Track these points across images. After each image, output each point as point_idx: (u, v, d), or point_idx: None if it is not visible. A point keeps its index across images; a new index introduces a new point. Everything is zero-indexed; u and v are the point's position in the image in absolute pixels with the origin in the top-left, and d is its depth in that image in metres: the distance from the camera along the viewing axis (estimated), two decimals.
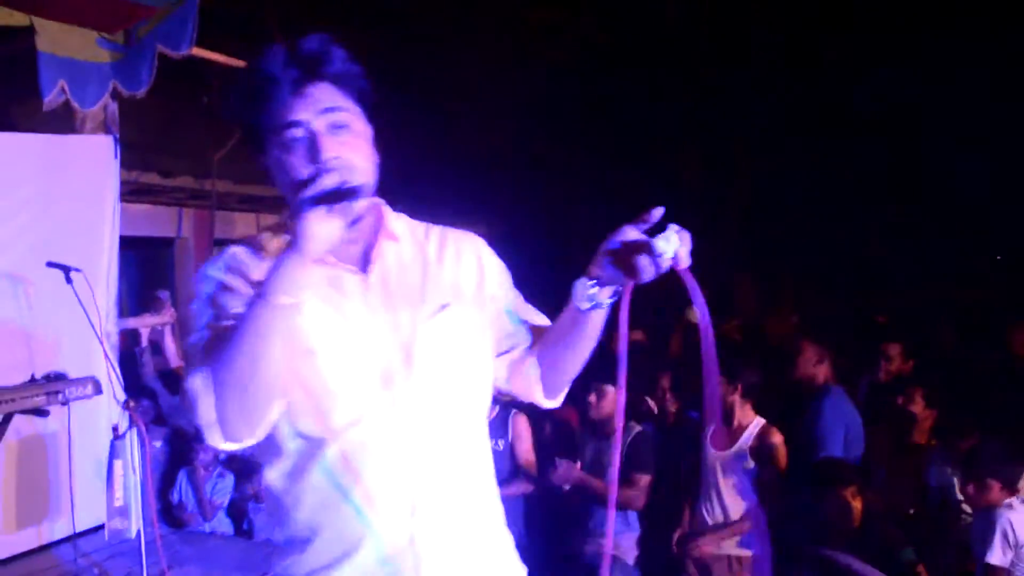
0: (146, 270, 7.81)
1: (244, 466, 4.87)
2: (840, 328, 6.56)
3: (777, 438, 3.92)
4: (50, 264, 3.67)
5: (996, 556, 3.24)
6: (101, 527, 4.29)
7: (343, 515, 1.35)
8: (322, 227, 1.23)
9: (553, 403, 1.60)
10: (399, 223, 1.49)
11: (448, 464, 1.40)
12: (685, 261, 1.20)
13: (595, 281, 1.32)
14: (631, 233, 1.24)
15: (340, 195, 1.24)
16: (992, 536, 3.26)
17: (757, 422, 3.97)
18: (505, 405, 4.10)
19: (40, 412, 3.33)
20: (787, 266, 9.82)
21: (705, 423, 4.06)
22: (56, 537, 4.25)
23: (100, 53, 4.19)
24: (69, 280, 3.66)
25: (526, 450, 4.17)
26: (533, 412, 4.22)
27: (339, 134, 1.35)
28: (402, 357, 1.37)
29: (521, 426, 4.14)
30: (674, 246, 1.19)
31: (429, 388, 1.39)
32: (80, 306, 3.62)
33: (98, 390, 3.47)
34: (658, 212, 1.24)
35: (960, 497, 3.65)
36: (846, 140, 9.58)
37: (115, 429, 3.49)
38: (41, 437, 4.09)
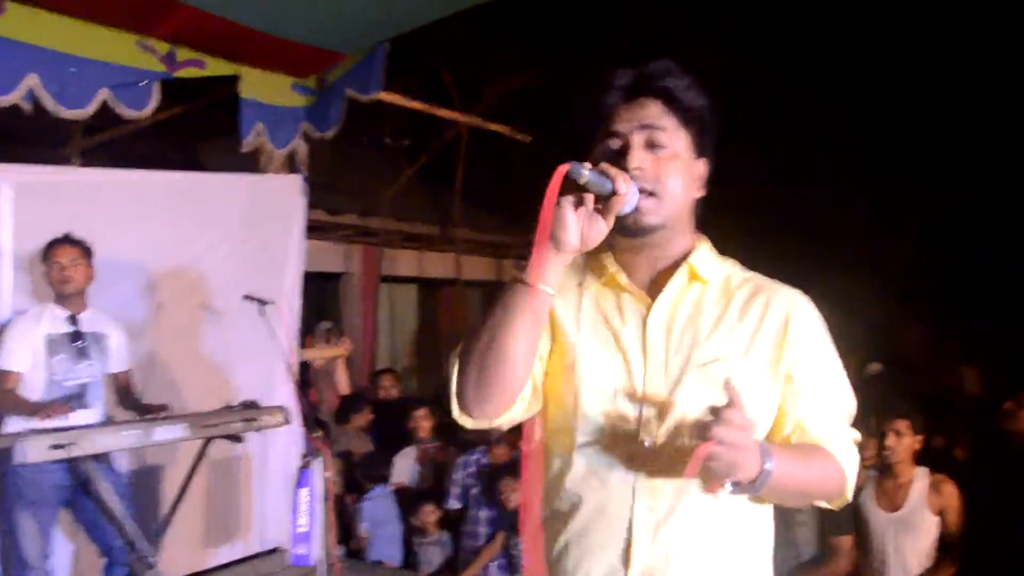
0: (312, 304, 8.19)
1: (411, 500, 4.96)
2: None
3: (951, 488, 3.64)
4: (246, 297, 3.87)
5: None
6: (276, 550, 4.49)
7: (560, 543, 1.36)
8: (570, 217, 1.22)
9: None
10: (713, 265, 1.41)
11: (685, 527, 1.30)
12: (717, 437, 1.15)
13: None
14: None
15: (593, 189, 1.21)
16: None
17: (921, 473, 3.69)
18: None
19: (236, 438, 3.50)
20: (956, 305, 9.24)
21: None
22: (236, 557, 4.46)
23: (294, 97, 4.46)
24: (263, 312, 3.85)
25: None
26: None
27: (655, 152, 1.33)
28: (661, 397, 1.32)
29: None
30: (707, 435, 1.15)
31: (679, 437, 1.29)
32: (272, 337, 3.79)
33: (288, 419, 3.62)
34: (731, 388, 1.18)
35: None
36: None
37: (303, 458, 3.62)
38: (229, 461, 4.30)
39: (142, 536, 3.28)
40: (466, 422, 1.33)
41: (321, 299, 8.53)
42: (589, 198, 1.22)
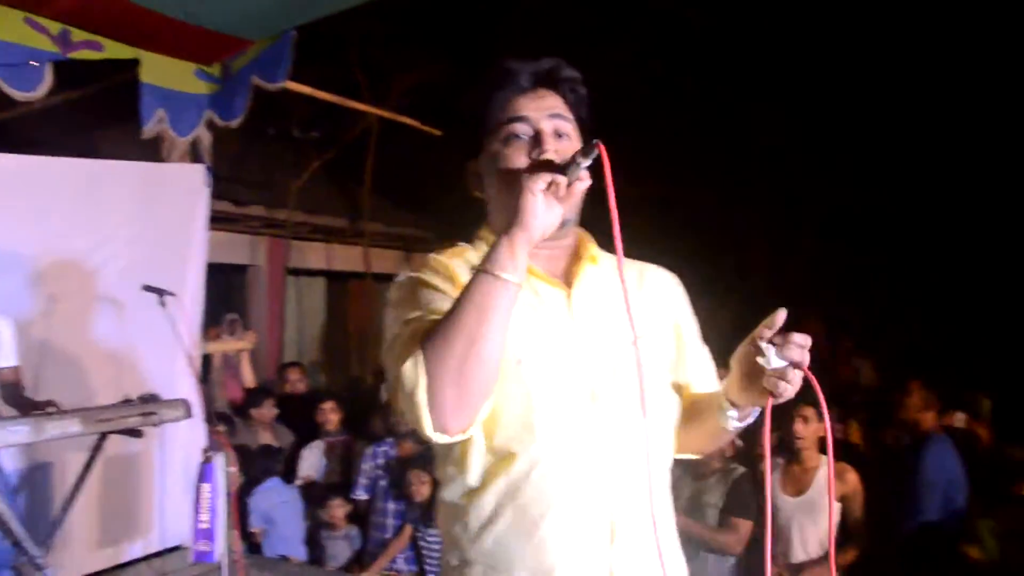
0: (218, 296, 8.00)
1: (319, 494, 4.90)
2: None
3: (853, 476, 3.81)
4: (146, 288, 3.75)
5: None
6: (179, 547, 4.37)
7: (535, 543, 1.30)
8: (541, 203, 1.19)
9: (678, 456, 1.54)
10: (599, 251, 1.47)
11: (644, 490, 1.33)
12: (807, 362, 1.23)
13: (735, 410, 1.35)
14: (774, 359, 1.23)
15: (561, 168, 1.21)
16: None
17: (826, 460, 3.84)
18: None
19: (135, 433, 3.39)
20: (855, 304, 9.65)
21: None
22: (136, 556, 4.32)
23: (197, 84, 4.32)
24: (163, 304, 3.74)
25: None
26: None
27: (560, 141, 1.35)
28: (608, 376, 1.34)
29: None
30: (802, 359, 1.22)
31: (630, 412, 1.33)
32: (173, 330, 3.69)
33: (189, 413, 3.53)
34: (782, 316, 1.23)
35: None
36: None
37: (204, 452, 3.54)
38: (128, 457, 4.16)
39: (29, 537, 3.14)
40: (443, 439, 1.22)
41: (227, 291, 8.35)
42: (563, 183, 1.20)
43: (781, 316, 1.22)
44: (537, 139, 1.33)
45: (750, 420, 1.36)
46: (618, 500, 1.33)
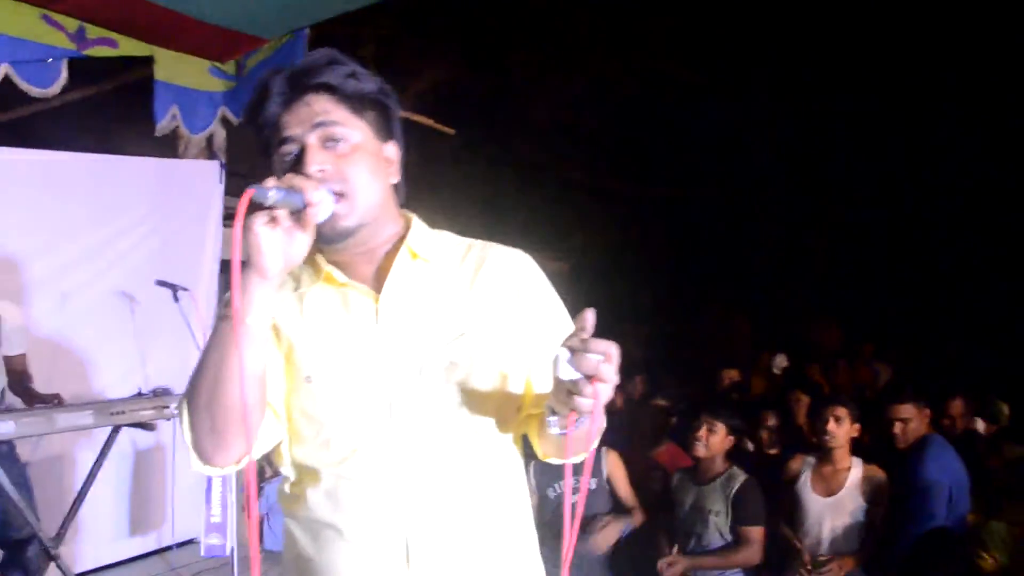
0: None
1: None
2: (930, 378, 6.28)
3: (883, 476, 3.76)
4: (159, 283, 3.79)
5: None
6: (191, 541, 4.40)
7: (337, 553, 1.28)
8: (267, 240, 1.12)
9: (549, 461, 1.39)
10: (431, 242, 1.37)
11: (451, 506, 1.30)
12: (610, 378, 1.03)
13: (556, 416, 1.15)
14: (563, 368, 1.04)
15: (285, 207, 1.13)
16: None
17: (856, 462, 3.81)
18: None
19: (147, 426, 3.42)
20: (870, 311, 9.59)
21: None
22: (148, 549, 4.36)
23: (211, 82, 4.35)
24: (176, 299, 3.78)
25: (625, 487, 3.98)
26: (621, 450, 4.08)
27: (334, 148, 1.26)
28: (409, 386, 1.28)
29: (614, 463, 3.93)
30: (596, 371, 1.02)
31: (436, 420, 1.29)
32: (186, 324, 3.72)
33: None
34: (591, 317, 1.05)
35: None
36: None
37: None
38: (141, 451, 4.21)
39: (40, 527, 3.18)
40: (213, 471, 1.26)
41: None
42: (282, 215, 1.13)
43: (590, 317, 1.05)
44: (300, 156, 1.25)
45: (581, 428, 1.14)
46: (414, 519, 1.27)
